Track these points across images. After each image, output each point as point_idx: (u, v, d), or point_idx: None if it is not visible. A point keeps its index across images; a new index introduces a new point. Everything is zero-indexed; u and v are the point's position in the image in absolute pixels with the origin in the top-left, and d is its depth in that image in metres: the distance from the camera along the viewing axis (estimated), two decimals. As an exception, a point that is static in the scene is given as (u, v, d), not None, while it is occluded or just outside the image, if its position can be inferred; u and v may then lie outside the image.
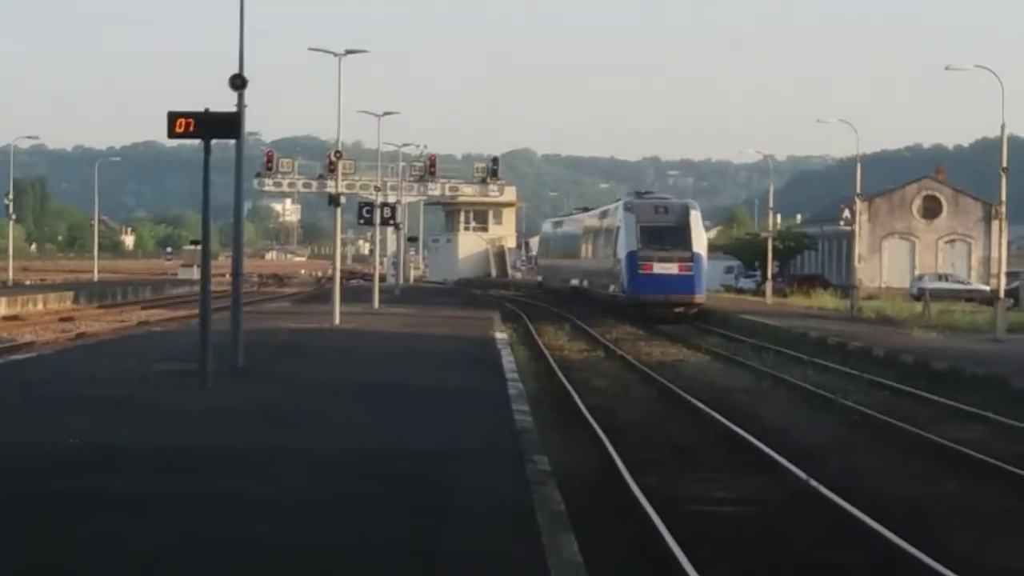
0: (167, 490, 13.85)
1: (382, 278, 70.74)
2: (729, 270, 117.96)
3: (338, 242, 50.47)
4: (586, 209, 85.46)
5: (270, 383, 24.55)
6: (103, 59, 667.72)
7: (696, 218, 62.25)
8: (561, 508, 13.55)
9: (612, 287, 63.46)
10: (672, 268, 59.93)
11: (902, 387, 30.42)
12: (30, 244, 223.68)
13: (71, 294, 67.15)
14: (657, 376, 32.66)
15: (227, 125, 23.32)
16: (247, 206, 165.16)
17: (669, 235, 60.80)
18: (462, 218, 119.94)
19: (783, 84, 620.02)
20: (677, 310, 59.80)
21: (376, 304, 58.03)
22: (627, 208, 62.94)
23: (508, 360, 32.15)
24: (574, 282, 75.93)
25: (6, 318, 52.35)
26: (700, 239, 61.87)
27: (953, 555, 13.64)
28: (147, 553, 11.10)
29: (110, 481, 14.30)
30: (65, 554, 11.02)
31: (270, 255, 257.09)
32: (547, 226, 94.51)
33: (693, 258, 60.39)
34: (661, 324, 55.77)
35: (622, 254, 61.45)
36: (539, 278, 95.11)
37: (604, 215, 69.93)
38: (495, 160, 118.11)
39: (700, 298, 61.08)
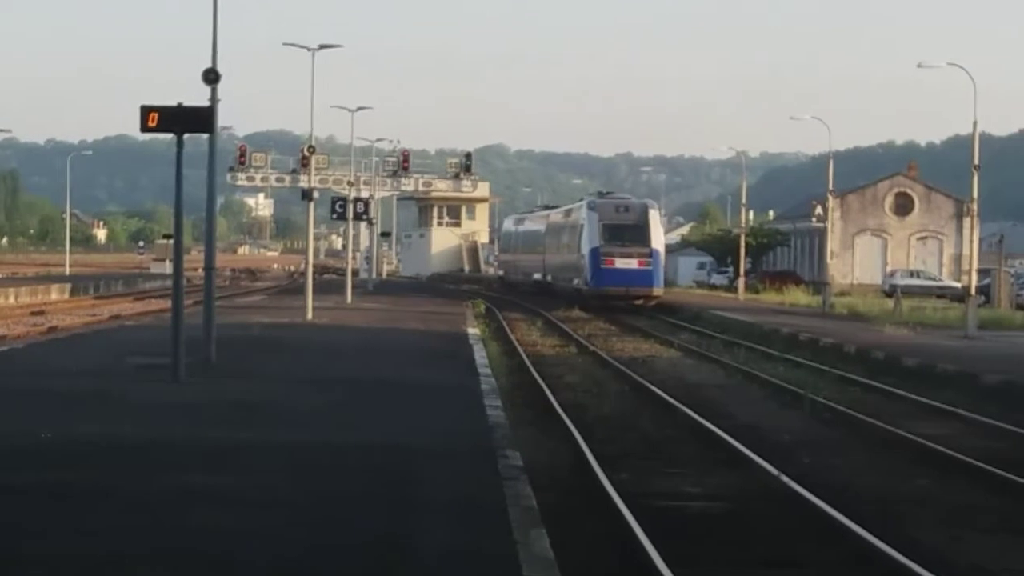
0: (138, 484, 13.83)
1: (355, 273, 70.70)
2: (701, 266, 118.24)
3: (311, 237, 50.44)
4: (547, 207, 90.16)
5: (242, 377, 24.54)
6: (76, 52, 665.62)
7: (655, 217, 66.75)
8: (533, 503, 13.58)
9: (576, 280, 67.00)
10: (632, 263, 64.08)
11: (873, 383, 30.52)
12: (1, 238, 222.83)
13: (51, 287, 66.98)
14: (629, 372, 32.70)
15: (200, 119, 23.29)
16: (220, 200, 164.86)
17: (629, 233, 64.99)
18: (435, 213, 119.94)
19: (756, 81, 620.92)
20: (636, 302, 64.14)
21: (349, 299, 58.02)
22: (591, 207, 67.04)
23: (481, 355, 32.17)
24: (536, 276, 79.51)
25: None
26: (658, 236, 66.04)
27: (923, 551, 13.70)
28: (116, 546, 11.08)
29: (80, 474, 14.28)
30: (34, 545, 11.00)
31: (243, 250, 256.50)
32: (508, 224, 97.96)
33: (651, 254, 64.56)
34: (623, 314, 58.34)
35: (586, 250, 65.15)
36: (500, 272, 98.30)
37: (568, 213, 74.00)
38: (468, 155, 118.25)
39: (658, 291, 65.36)
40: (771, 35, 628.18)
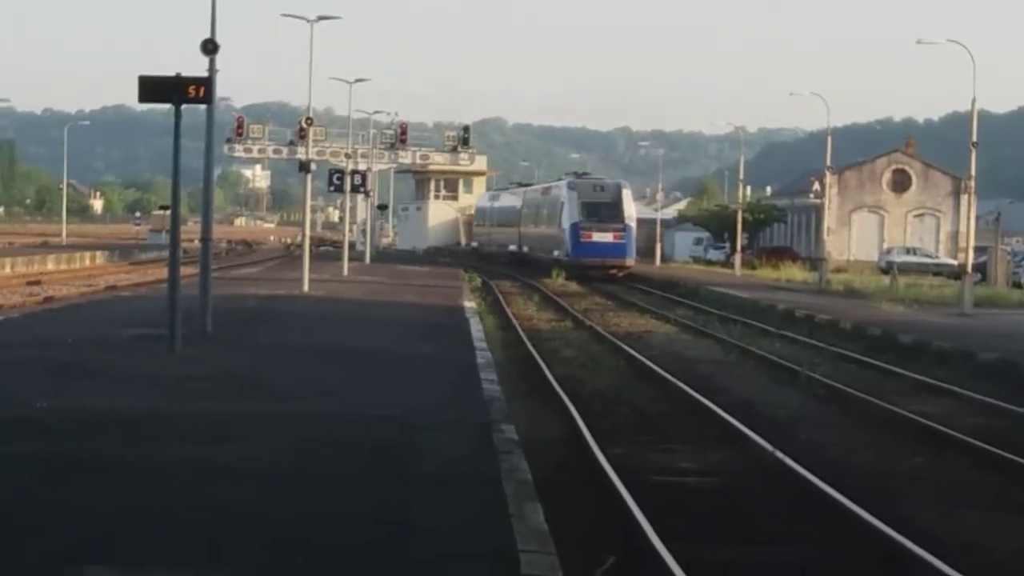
0: (134, 455, 13.84)
1: (351, 246, 70.65)
2: (698, 242, 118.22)
3: (307, 209, 50.37)
4: (521, 185, 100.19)
5: (238, 349, 24.54)
6: (73, 22, 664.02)
7: (627, 195, 74.87)
8: (528, 477, 13.59)
9: (556, 252, 74.13)
10: (608, 237, 71.77)
11: (869, 360, 30.55)
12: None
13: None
14: (625, 347, 32.72)
15: (198, 90, 23.22)
16: (217, 172, 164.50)
17: (605, 210, 72.88)
18: (432, 186, 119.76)
19: (755, 55, 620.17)
20: (611, 271, 71.22)
21: (345, 271, 58.00)
22: (570, 187, 75.16)
23: (477, 329, 32.17)
24: (511, 247, 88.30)
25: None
26: (631, 213, 73.78)
27: (917, 528, 13.73)
28: (112, 516, 11.09)
29: (77, 445, 14.29)
30: (32, 516, 11.01)
31: (239, 221, 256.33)
32: (483, 200, 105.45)
33: (625, 229, 72.35)
34: (620, 289, 61.64)
35: (566, 225, 72.95)
36: (474, 244, 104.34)
37: (546, 192, 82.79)
38: (466, 129, 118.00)
39: (630, 262, 73.20)
40: (770, 10, 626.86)
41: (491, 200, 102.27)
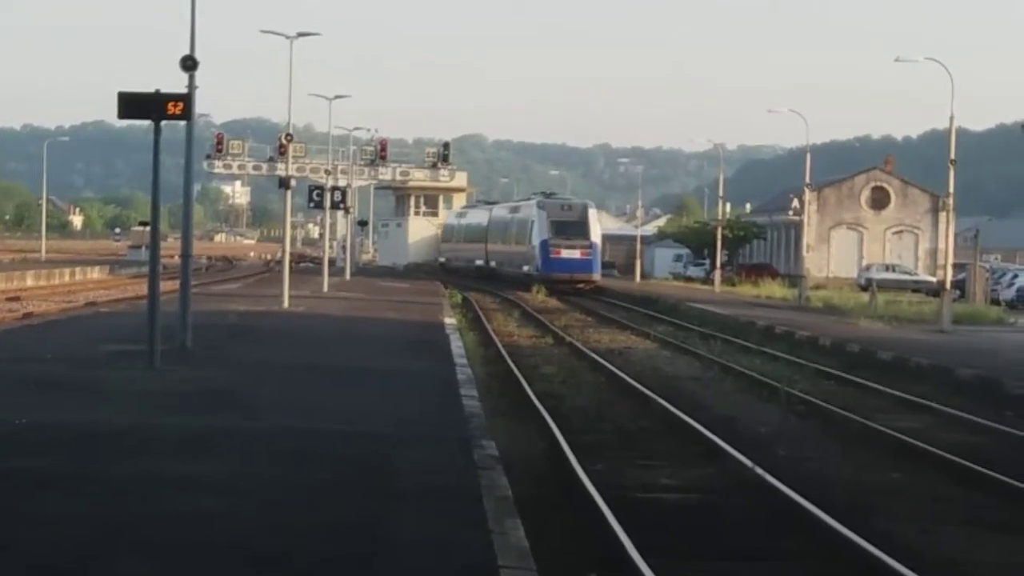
0: (112, 470, 13.82)
1: (331, 262, 70.66)
2: (678, 258, 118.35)
3: (287, 225, 50.38)
4: (487, 203, 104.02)
5: (218, 365, 24.52)
6: (53, 38, 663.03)
7: (593, 215, 79.28)
8: (508, 494, 13.60)
9: (526, 267, 79.28)
10: (576, 253, 76.37)
11: (848, 376, 30.61)
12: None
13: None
14: (605, 363, 32.74)
15: (178, 106, 23.21)
16: (197, 188, 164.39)
17: (572, 228, 77.25)
18: (412, 203, 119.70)
19: (734, 73, 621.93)
20: (579, 285, 74.73)
21: (325, 287, 57.97)
22: (540, 206, 79.93)
23: (457, 345, 32.18)
24: (478, 262, 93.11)
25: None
26: (596, 231, 78.42)
27: (894, 543, 13.76)
28: (89, 532, 11.08)
29: (55, 461, 14.26)
30: (9, 532, 10.99)
31: (219, 237, 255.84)
32: (451, 218, 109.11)
33: (591, 246, 76.92)
34: (600, 306, 62.36)
35: (536, 242, 77.76)
36: (441, 259, 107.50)
37: (515, 210, 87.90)
38: (446, 145, 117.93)
39: (597, 276, 77.59)
40: (749, 28, 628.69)
41: (458, 217, 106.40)
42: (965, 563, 13.40)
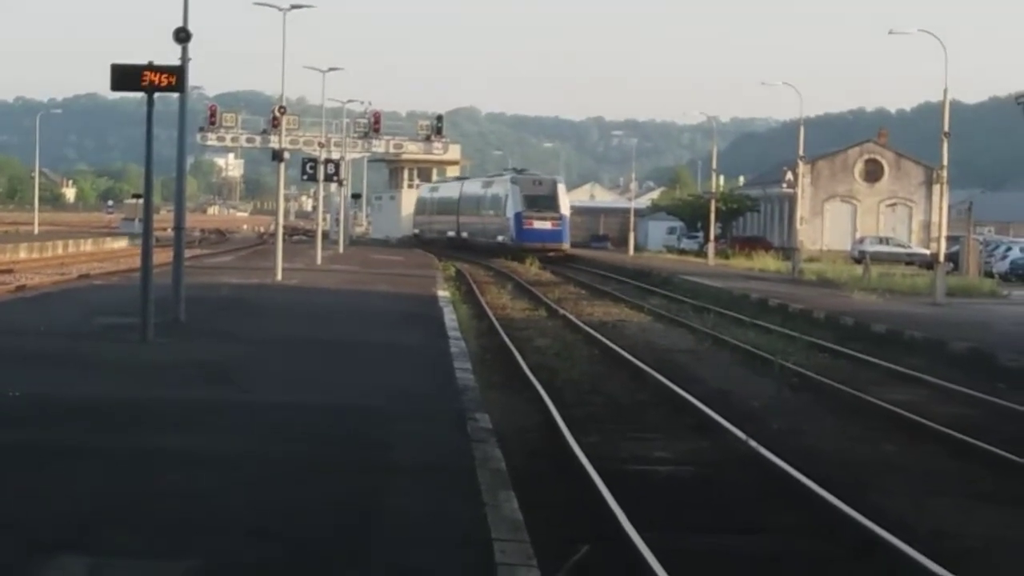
0: (105, 443, 13.80)
1: (325, 235, 70.56)
2: (672, 231, 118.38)
3: (281, 198, 50.27)
4: (459, 178, 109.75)
5: (211, 338, 24.49)
6: (45, 9, 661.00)
7: (562, 189, 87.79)
8: (502, 466, 13.60)
9: (501, 237, 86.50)
10: (547, 224, 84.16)
11: (842, 349, 30.62)
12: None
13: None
14: (599, 336, 32.73)
15: (171, 78, 23.14)
16: (190, 160, 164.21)
17: (543, 201, 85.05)
18: (406, 176, 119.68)
19: (728, 45, 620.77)
20: (550, 254, 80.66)
21: (319, 260, 57.92)
22: (513, 182, 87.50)
23: (450, 318, 32.16)
24: (450, 233, 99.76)
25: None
26: (565, 204, 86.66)
27: (889, 516, 13.77)
28: (83, 505, 11.06)
29: (49, 434, 14.25)
30: (3, 504, 10.98)
31: (212, 210, 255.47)
32: (424, 192, 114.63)
33: (561, 218, 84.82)
34: (594, 279, 62.69)
35: (511, 214, 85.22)
36: (415, 231, 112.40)
37: (488, 185, 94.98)
38: (439, 118, 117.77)
39: (566, 246, 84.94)
40: (742, 0, 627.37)
41: (431, 192, 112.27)
42: (957, 535, 13.42)
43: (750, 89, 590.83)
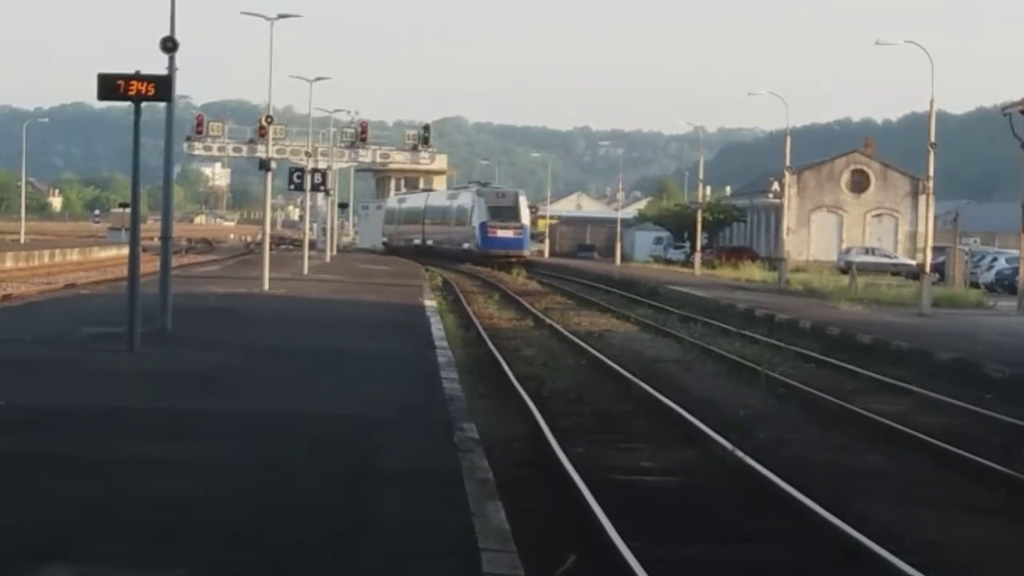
0: (91, 452, 13.79)
1: (312, 244, 70.58)
2: (658, 241, 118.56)
3: (268, 207, 50.28)
4: (425, 190, 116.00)
5: (198, 347, 24.47)
6: (32, 18, 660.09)
7: (523, 201, 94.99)
8: (489, 476, 13.61)
9: (466, 244, 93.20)
10: (509, 233, 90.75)
11: (828, 359, 30.67)
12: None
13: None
14: (586, 345, 32.76)
15: (158, 88, 23.15)
16: (177, 169, 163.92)
17: (506, 212, 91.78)
18: (393, 185, 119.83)
19: (714, 55, 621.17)
20: (512, 260, 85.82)
21: (306, 270, 57.89)
22: (478, 194, 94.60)
23: (437, 327, 32.17)
24: (416, 241, 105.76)
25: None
26: (526, 215, 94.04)
27: (873, 525, 13.81)
28: (68, 514, 11.06)
29: (34, 443, 14.24)
30: (-10, 516, 10.98)
31: (199, 219, 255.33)
32: (392, 202, 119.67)
33: (522, 227, 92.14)
34: (581, 289, 63.03)
35: (476, 223, 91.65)
36: (384, 239, 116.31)
37: (453, 197, 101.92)
38: (426, 128, 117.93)
39: (526, 252, 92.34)
40: (729, 11, 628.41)
41: (399, 202, 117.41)
42: (943, 545, 13.46)
43: (737, 99, 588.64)
